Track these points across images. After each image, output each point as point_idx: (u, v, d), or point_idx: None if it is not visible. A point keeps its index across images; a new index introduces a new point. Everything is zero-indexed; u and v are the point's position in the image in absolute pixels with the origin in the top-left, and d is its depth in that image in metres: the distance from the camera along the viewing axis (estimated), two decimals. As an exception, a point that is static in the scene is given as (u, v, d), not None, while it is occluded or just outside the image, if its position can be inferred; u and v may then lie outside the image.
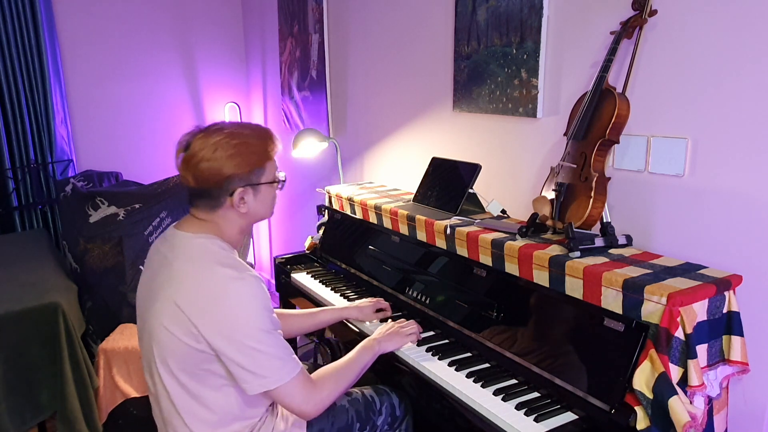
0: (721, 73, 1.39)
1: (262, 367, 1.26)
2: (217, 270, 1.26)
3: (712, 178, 1.43)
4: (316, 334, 2.58)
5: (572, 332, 1.39)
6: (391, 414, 1.62)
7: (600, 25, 1.63)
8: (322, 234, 2.46)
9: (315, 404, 1.33)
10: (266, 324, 1.27)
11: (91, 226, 2.73)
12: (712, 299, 1.29)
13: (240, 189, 1.32)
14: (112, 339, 2.47)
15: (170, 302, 1.26)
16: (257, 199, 1.37)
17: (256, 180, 1.35)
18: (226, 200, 1.33)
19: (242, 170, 1.31)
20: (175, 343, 1.27)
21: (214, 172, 1.29)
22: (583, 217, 1.49)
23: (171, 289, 1.27)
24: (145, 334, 1.36)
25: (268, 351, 1.26)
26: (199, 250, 1.30)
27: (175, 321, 1.26)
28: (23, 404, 2.18)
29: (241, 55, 4.00)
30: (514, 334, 1.50)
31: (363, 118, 2.80)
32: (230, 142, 1.30)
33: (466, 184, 1.94)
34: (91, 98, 3.54)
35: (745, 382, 1.42)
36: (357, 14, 2.72)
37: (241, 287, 1.25)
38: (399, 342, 1.60)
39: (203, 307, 1.24)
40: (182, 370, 1.29)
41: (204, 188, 1.31)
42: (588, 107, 1.53)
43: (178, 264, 1.30)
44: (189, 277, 1.27)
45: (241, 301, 1.25)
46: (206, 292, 1.24)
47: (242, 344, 1.24)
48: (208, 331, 1.24)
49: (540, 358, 1.41)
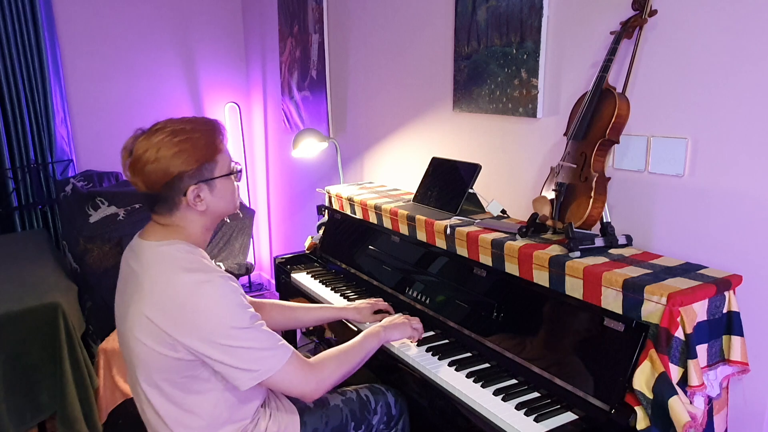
0: (721, 73, 1.39)
1: (250, 361, 1.24)
2: (184, 276, 1.23)
3: (712, 178, 1.43)
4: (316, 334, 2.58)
5: (572, 332, 1.39)
6: (386, 413, 1.61)
7: (600, 25, 1.63)
8: (322, 234, 2.46)
9: (316, 383, 1.32)
10: (243, 321, 1.24)
11: (91, 226, 2.73)
12: (712, 299, 1.29)
13: (192, 186, 1.27)
14: (112, 339, 2.46)
15: (140, 315, 1.24)
16: (214, 195, 1.32)
17: (209, 175, 1.30)
18: (181, 201, 1.29)
19: (190, 166, 1.26)
20: (152, 356, 1.25)
21: (161, 173, 1.25)
22: (583, 217, 1.49)
23: (140, 303, 1.24)
24: (124, 348, 1.34)
25: (251, 346, 1.24)
26: (164, 259, 1.27)
27: (149, 333, 1.23)
28: (23, 404, 2.18)
29: (241, 55, 4.00)
30: (514, 334, 1.50)
31: (363, 118, 2.80)
32: (173, 139, 1.25)
33: (466, 184, 1.95)
34: (91, 98, 3.54)
35: (745, 382, 1.42)
36: (357, 14, 2.72)
37: (210, 290, 1.22)
38: (404, 332, 1.59)
39: (175, 316, 1.21)
40: (164, 380, 1.27)
41: (156, 192, 1.27)
42: (588, 107, 1.53)
43: (144, 275, 1.27)
44: (156, 287, 1.24)
45: (213, 304, 1.21)
46: (176, 300, 1.21)
47: (223, 345, 1.22)
48: (185, 338, 1.21)
49: (540, 358, 1.41)
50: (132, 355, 1.29)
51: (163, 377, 1.27)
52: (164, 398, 1.29)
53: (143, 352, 1.25)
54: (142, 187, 1.28)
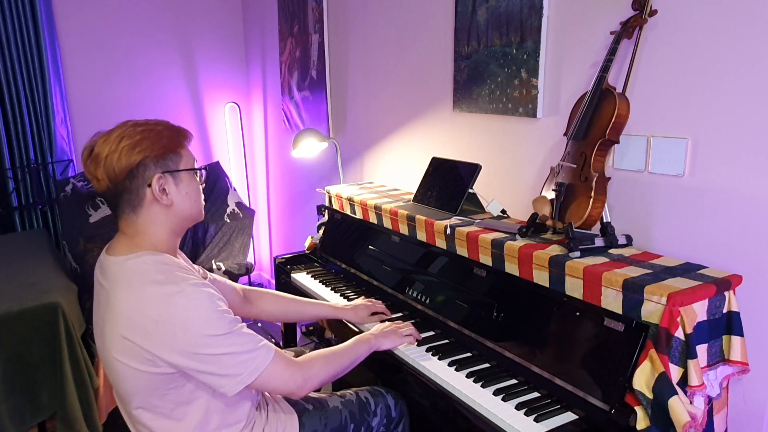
0: (721, 73, 1.39)
1: (233, 366, 1.21)
2: (154, 290, 1.19)
3: (712, 178, 1.43)
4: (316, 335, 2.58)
5: (572, 332, 1.39)
6: (386, 415, 1.61)
7: (600, 25, 1.63)
8: (322, 234, 2.46)
9: (303, 380, 1.30)
10: (220, 327, 1.20)
11: (91, 226, 2.73)
12: (712, 299, 1.29)
13: (157, 176, 1.24)
14: (112, 339, 2.46)
15: (116, 335, 1.21)
16: (179, 190, 1.28)
17: (174, 166, 1.27)
18: (146, 193, 1.24)
19: (153, 152, 1.23)
20: (134, 374, 1.22)
21: (125, 161, 1.20)
22: (583, 217, 1.49)
23: (114, 322, 1.21)
24: (106, 367, 1.31)
25: (232, 351, 1.20)
26: (132, 274, 1.22)
27: (127, 353, 1.20)
28: (23, 404, 2.18)
29: (241, 55, 4.00)
30: (514, 334, 1.50)
31: (363, 118, 2.80)
32: (135, 129, 1.23)
33: (466, 184, 1.94)
34: (91, 98, 3.54)
35: (745, 382, 1.42)
36: (357, 14, 2.72)
37: (183, 301, 1.17)
38: (395, 341, 1.58)
39: (151, 332, 1.17)
40: (150, 396, 1.25)
41: (119, 183, 1.22)
42: (588, 107, 1.53)
43: (113, 293, 1.23)
44: (127, 304, 1.19)
45: (187, 315, 1.17)
46: (149, 316, 1.17)
47: (204, 355, 1.18)
48: (164, 353, 1.18)
49: (540, 358, 1.41)
50: (114, 374, 1.26)
51: (148, 393, 1.24)
52: (153, 413, 1.27)
53: (124, 371, 1.22)
54: (106, 182, 1.22)
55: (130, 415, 1.32)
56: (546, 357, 1.40)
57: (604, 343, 1.31)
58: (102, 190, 1.26)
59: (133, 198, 1.25)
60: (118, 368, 1.23)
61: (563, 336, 1.40)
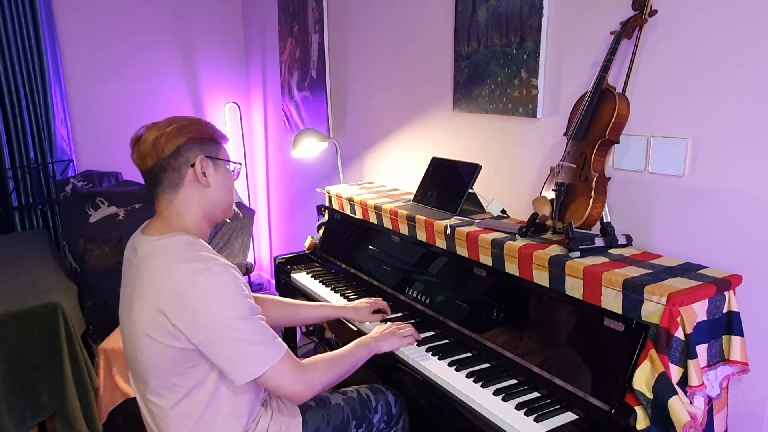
0: (720, 73, 1.39)
1: (245, 355, 1.24)
2: (182, 267, 1.24)
3: (712, 178, 1.43)
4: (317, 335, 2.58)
5: (572, 332, 1.39)
6: (387, 412, 1.62)
7: (600, 25, 1.63)
8: (322, 234, 2.46)
9: (306, 385, 1.32)
10: (241, 311, 1.24)
11: (91, 226, 2.73)
12: (712, 299, 1.29)
13: (200, 157, 1.32)
14: (112, 339, 2.46)
15: (144, 306, 1.25)
16: (217, 177, 1.36)
17: (214, 153, 1.36)
18: (188, 172, 1.32)
19: (198, 135, 1.33)
20: (157, 348, 1.25)
21: (173, 138, 1.30)
22: (583, 217, 1.49)
23: (143, 295, 1.26)
24: (129, 343, 1.34)
25: (247, 338, 1.24)
26: (163, 252, 1.28)
27: (155, 326, 1.24)
28: (23, 404, 2.18)
29: (241, 55, 4.00)
30: (514, 334, 1.50)
31: (363, 118, 2.80)
32: (183, 119, 1.35)
33: (466, 184, 1.94)
34: (91, 98, 3.54)
35: (745, 382, 1.42)
36: (357, 14, 2.73)
37: (208, 278, 1.22)
38: (395, 343, 1.59)
39: (177, 306, 1.22)
40: (169, 371, 1.28)
41: (164, 161, 1.30)
42: (588, 107, 1.53)
43: (143, 268, 1.28)
44: (158, 278, 1.25)
45: (210, 292, 1.22)
46: (176, 290, 1.22)
47: (220, 335, 1.22)
48: (187, 328, 1.22)
49: (540, 358, 1.41)
50: (137, 349, 1.30)
51: (169, 370, 1.28)
52: (170, 391, 1.30)
53: (149, 345, 1.26)
54: (152, 161, 1.31)
55: (145, 400, 1.35)
56: (546, 357, 1.40)
57: (604, 343, 1.31)
58: (147, 168, 1.33)
59: (175, 176, 1.32)
60: (144, 343, 1.27)
61: (563, 336, 1.40)
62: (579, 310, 1.40)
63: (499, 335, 1.54)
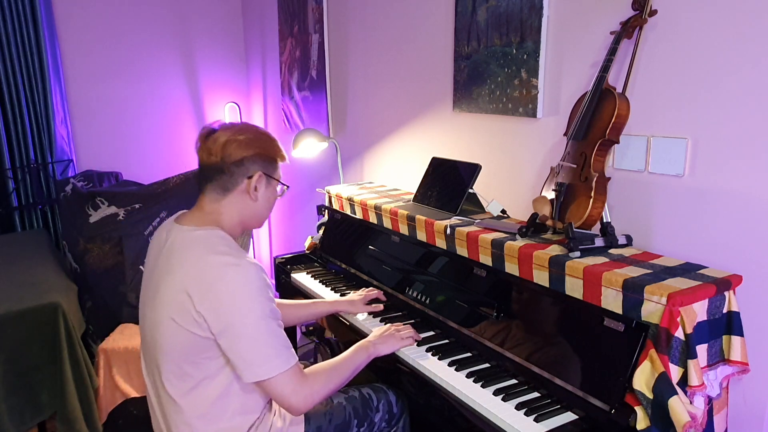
0: (720, 73, 1.39)
1: (257, 355, 1.27)
2: (215, 258, 1.28)
3: (712, 178, 1.43)
4: (316, 335, 2.58)
5: (572, 332, 1.39)
6: (388, 411, 1.62)
7: (600, 25, 1.63)
8: (322, 234, 2.46)
9: (305, 398, 1.33)
10: (263, 311, 1.27)
11: (91, 226, 2.73)
12: (712, 299, 1.29)
13: (259, 173, 1.38)
14: (112, 339, 2.47)
15: (172, 291, 1.28)
16: (265, 194, 1.42)
17: (272, 172, 1.42)
18: (243, 182, 1.38)
19: (264, 152, 1.39)
20: (179, 333, 1.28)
21: (241, 149, 1.36)
22: (583, 217, 1.49)
23: (172, 281, 1.29)
24: (149, 329, 1.37)
25: (263, 339, 1.27)
26: (197, 242, 1.32)
27: (179, 310, 1.27)
28: (23, 404, 2.18)
29: (241, 55, 4.00)
30: (514, 334, 1.50)
31: (363, 118, 2.80)
32: (255, 130, 1.41)
33: (466, 184, 1.94)
34: (91, 98, 3.54)
35: (745, 382, 1.42)
36: (357, 14, 2.72)
37: (238, 272, 1.26)
38: (393, 345, 1.60)
39: (204, 294, 1.25)
40: (185, 359, 1.31)
41: (226, 165, 1.35)
42: (588, 107, 1.53)
43: (175, 256, 1.32)
44: (189, 264, 1.29)
45: (238, 287, 1.26)
46: (205, 278, 1.26)
47: (238, 330, 1.25)
48: (209, 316, 1.26)
49: (540, 358, 1.41)
50: (157, 333, 1.32)
51: (185, 356, 1.30)
52: (182, 380, 1.32)
53: (171, 329, 1.29)
54: (215, 159, 1.35)
55: (156, 388, 1.38)
56: (546, 357, 1.40)
57: (604, 343, 1.31)
58: (207, 164, 1.38)
59: (229, 182, 1.37)
60: (166, 326, 1.29)
61: (563, 336, 1.40)
62: (579, 310, 1.40)
63: (499, 335, 1.54)
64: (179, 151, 3.83)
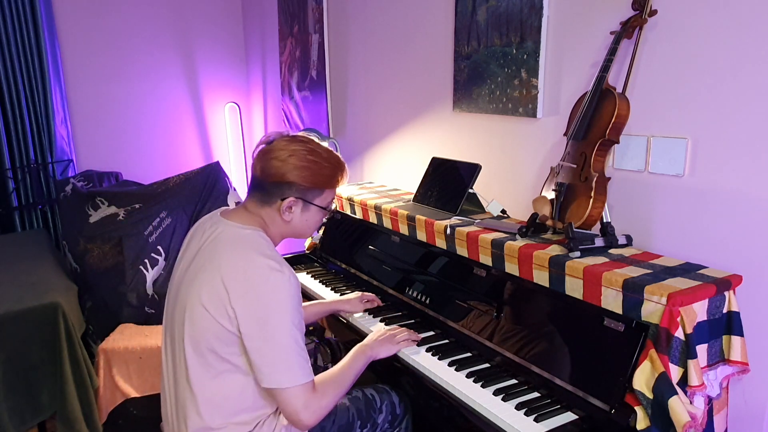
0: (721, 73, 1.39)
1: (282, 362, 1.28)
2: (260, 259, 1.30)
3: (712, 178, 1.43)
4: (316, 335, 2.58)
5: (572, 332, 1.39)
6: (391, 412, 1.62)
7: (600, 25, 1.63)
8: (322, 234, 2.46)
9: (313, 412, 1.33)
10: (296, 322, 1.30)
11: (91, 226, 2.73)
12: (712, 299, 1.28)
13: (292, 199, 1.39)
14: (112, 339, 2.46)
15: (212, 281, 1.30)
16: (303, 216, 1.43)
17: (311, 199, 1.42)
18: (276, 202, 1.40)
19: (303, 183, 1.39)
20: (209, 322, 1.30)
21: (280, 172, 1.37)
22: (583, 217, 1.49)
23: (215, 271, 1.31)
24: (178, 313, 1.38)
25: (291, 347, 1.29)
26: (246, 240, 1.35)
27: (215, 300, 1.29)
28: (23, 404, 2.18)
29: (241, 55, 4.00)
30: (514, 334, 1.50)
31: (363, 118, 2.80)
32: (307, 156, 1.39)
33: (466, 184, 1.94)
34: (91, 98, 3.54)
35: (745, 382, 1.42)
36: (357, 14, 2.72)
37: (280, 279, 1.29)
38: (390, 349, 1.60)
39: (243, 290, 1.27)
40: (209, 349, 1.32)
41: (265, 182, 1.39)
42: (588, 107, 1.53)
43: (222, 249, 1.34)
44: (233, 260, 1.31)
45: (278, 292, 1.28)
46: (247, 276, 1.28)
47: (269, 334, 1.27)
48: (242, 313, 1.27)
49: (540, 358, 1.41)
50: (187, 317, 1.33)
51: (209, 345, 1.31)
52: (203, 367, 1.33)
53: (202, 317, 1.30)
54: (258, 173, 1.40)
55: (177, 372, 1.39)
56: (546, 357, 1.40)
57: (604, 343, 1.31)
58: (253, 173, 1.42)
59: (266, 197, 1.41)
60: (198, 313, 1.31)
61: (563, 336, 1.40)
62: (579, 310, 1.40)
63: (499, 335, 1.53)
64: (179, 151, 3.83)
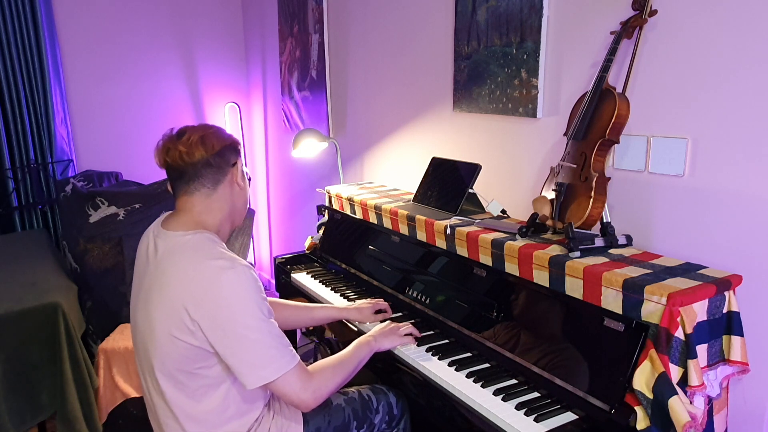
0: (721, 73, 1.39)
1: (261, 357, 1.26)
2: (208, 263, 1.27)
3: (712, 178, 1.43)
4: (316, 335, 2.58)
5: (572, 332, 1.39)
6: (388, 413, 1.62)
7: (600, 25, 1.63)
8: (322, 234, 2.46)
9: (313, 393, 1.33)
10: (261, 312, 1.27)
11: (91, 226, 2.73)
12: (712, 299, 1.29)
13: (237, 160, 1.41)
14: (112, 339, 2.47)
15: (165, 300, 1.27)
16: (242, 182, 1.45)
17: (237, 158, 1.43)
18: (229, 172, 1.39)
19: (231, 141, 1.41)
20: (172, 343, 1.27)
21: (217, 141, 1.37)
22: (583, 217, 1.49)
23: (165, 288, 1.28)
24: (140, 336, 1.35)
25: (264, 340, 1.26)
26: (190, 247, 1.31)
27: (172, 319, 1.26)
28: (23, 404, 2.18)
29: (241, 55, 4.00)
30: (514, 334, 1.50)
31: (363, 118, 2.80)
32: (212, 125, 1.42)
33: (466, 184, 1.94)
34: (91, 98, 3.54)
35: (745, 382, 1.42)
36: (357, 14, 2.72)
37: (233, 277, 1.25)
38: (394, 341, 1.60)
39: (199, 301, 1.24)
40: (179, 369, 1.29)
41: (212, 157, 1.36)
42: (588, 107, 1.53)
43: (168, 262, 1.31)
44: (181, 273, 1.27)
45: (235, 291, 1.25)
46: (199, 284, 1.25)
47: (239, 335, 1.24)
48: (205, 324, 1.24)
49: (540, 358, 1.41)
50: (149, 342, 1.31)
51: (178, 366, 1.29)
52: (176, 389, 1.31)
53: (163, 338, 1.28)
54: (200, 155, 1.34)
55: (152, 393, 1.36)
56: (546, 357, 1.40)
57: (604, 343, 1.31)
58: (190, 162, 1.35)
59: (219, 174, 1.39)
60: (159, 334, 1.28)
61: (563, 336, 1.40)
62: (579, 310, 1.40)
63: (499, 335, 1.54)
64: (179, 151, 3.83)
